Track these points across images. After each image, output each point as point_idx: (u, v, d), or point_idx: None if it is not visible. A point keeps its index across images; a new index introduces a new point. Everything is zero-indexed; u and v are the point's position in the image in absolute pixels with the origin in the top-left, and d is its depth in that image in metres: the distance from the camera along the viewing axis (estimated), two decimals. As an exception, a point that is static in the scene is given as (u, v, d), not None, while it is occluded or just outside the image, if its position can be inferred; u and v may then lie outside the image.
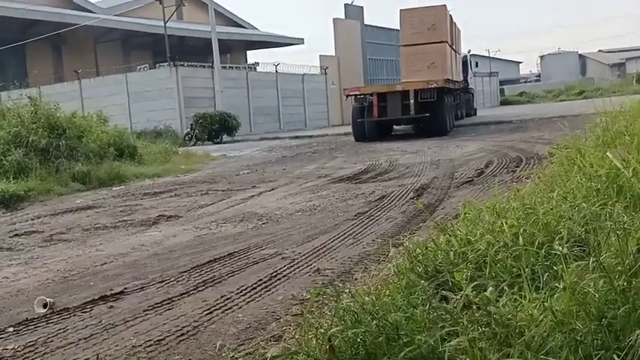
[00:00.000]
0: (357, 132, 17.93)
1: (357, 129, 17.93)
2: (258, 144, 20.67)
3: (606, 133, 4.40)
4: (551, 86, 58.76)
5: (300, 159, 13.63)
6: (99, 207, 8.02)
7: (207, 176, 11.22)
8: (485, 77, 48.30)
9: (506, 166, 8.62)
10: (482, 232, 3.06)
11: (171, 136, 22.36)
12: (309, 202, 7.08)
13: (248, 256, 4.53)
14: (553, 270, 2.44)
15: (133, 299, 3.64)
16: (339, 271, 3.93)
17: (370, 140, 17.08)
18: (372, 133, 17.54)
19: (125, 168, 11.87)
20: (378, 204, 6.51)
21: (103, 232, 6.15)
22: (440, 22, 18.81)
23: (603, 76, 66.21)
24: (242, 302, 3.44)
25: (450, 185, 7.44)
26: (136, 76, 27.98)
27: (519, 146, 11.42)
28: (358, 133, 17.87)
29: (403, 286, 2.72)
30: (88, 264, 4.70)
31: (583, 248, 2.61)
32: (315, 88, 33.50)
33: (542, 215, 2.98)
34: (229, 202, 7.58)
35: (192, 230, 5.86)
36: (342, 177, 9.32)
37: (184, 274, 4.13)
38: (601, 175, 3.13)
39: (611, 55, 76.82)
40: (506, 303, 2.21)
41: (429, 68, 18.18)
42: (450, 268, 2.76)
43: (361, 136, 17.64)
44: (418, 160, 10.73)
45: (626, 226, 2.41)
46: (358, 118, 17.82)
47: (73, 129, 11.96)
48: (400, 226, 5.22)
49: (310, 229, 5.44)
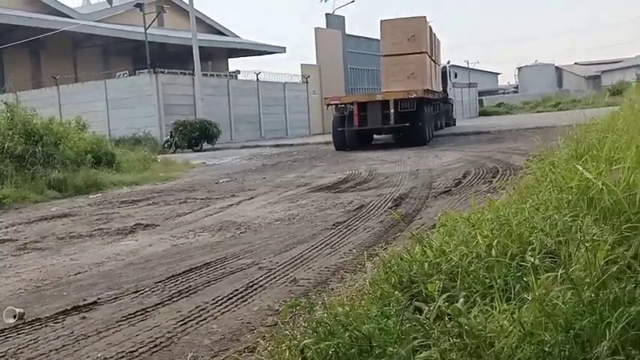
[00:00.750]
0: (338, 141, 18.02)
1: (338, 138, 18.03)
2: (238, 152, 20.63)
3: (579, 145, 4.47)
4: (529, 97, 59.56)
5: (281, 168, 13.63)
6: (75, 215, 7.94)
7: (186, 184, 11.17)
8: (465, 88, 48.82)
9: (483, 177, 8.71)
10: (457, 243, 3.09)
11: (151, 144, 22.26)
12: (288, 211, 7.08)
13: (225, 266, 4.52)
14: (524, 281, 2.47)
15: (106, 310, 3.61)
16: (316, 282, 3.93)
17: (350, 149, 17.16)
18: (352, 142, 17.64)
19: (103, 175, 11.76)
20: (356, 214, 6.53)
21: (78, 240, 6.09)
22: (420, 33, 19.03)
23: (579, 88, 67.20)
24: (217, 313, 3.43)
25: (428, 195, 7.49)
26: (115, 83, 27.81)
27: (496, 157, 11.54)
28: (339, 142, 17.96)
29: (377, 296, 2.73)
30: (62, 273, 4.65)
31: (554, 259, 2.64)
32: (296, 97, 33.59)
33: (516, 226, 3.02)
34: (208, 211, 7.55)
35: (169, 239, 5.82)
36: (321, 186, 9.34)
37: (159, 284, 4.10)
38: (572, 188, 3.18)
39: (586, 67, 78.07)
40: (477, 314, 2.24)
41: (409, 78, 18.37)
42: (424, 278, 2.78)
43: (341, 145, 17.75)
44: (397, 170, 10.79)
45: (595, 238, 2.45)
46: (339, 127, 17.92)
47: (50, 135, 11.84)
48: (378, 236, 5.24)
49: (288, 239, 5.44)
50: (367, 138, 18.87)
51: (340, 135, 17.89)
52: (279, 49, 44.32)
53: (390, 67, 19.03)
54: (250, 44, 43.17)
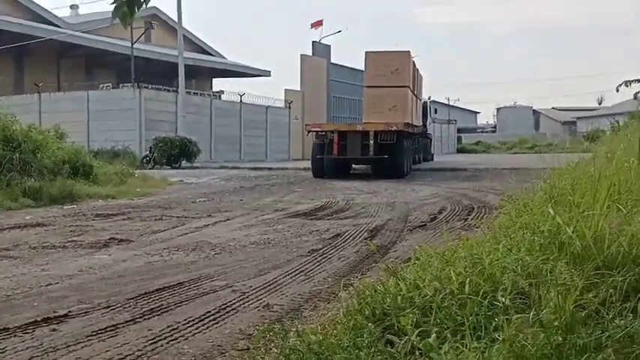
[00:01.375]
0: (316, 168, 17.97)
1: (316, 165, 17.98)
2: (216, 172, 20.59)
3: (552, 189, 4.59)
4: (506, 138, 60.52)
5: (258, 191, 13.64)
6: (48, 225, 7.86)
7: (163, 201, 11.12)
8: (445, 124, 49.52)
9: (459, 214, 8.82)
10: (431, 279, 3.14)
11: (129, 158, 22.14)
12: (264, 235, 7.09)
13: (198, 287, 4.51)
14: (495, 320, 2.53)
15: (76, 323, 3.58)
16: (289, 308, 3.94)
17: (328, 177, 17.13)
18: (330, 171, 17.61)
19: (79, 187, 11.66)
20: (332, 242, 6.57)
21: (51, 251, 6.03)
22: (403, 67, 19.21)
23: (555, 132, 68.60)
24: (188, 333, 3.42)
25: (403, 228, 7.56)
26: (97, 95, 27.69)
27: (472, 195, 11.69)
28: (317, 169, 17.93)
29: (350, 327, 2.76)
30: (33, 283, 4.60)
31: (525, 301, 2.70)
32: (278, 121, 33.74)
33: (488, 266, 3.08)
34: (183, 230, 7.53)
35: (143, 256, 5.79)
36: (298, 212, 9.37)
37: (131, 301, 4.08)
38: (544, 231, 3.26)
39: (563, 113, 79.68)
40: (448, 350, 2.28)
41: (391, 111, 18.48)
42: (397, 312, 2.82)
43: (319, 173, 17.70)
44: (374, 201, 10.87)
45: (565, 283, 2.52)
46: (318, 155, 17.87)
47: (28, 143, 11.75)
48: (352, 266, 5.28)
49: (263, 263, 5.45)
50: (345, 167, 18.89)
51: (319, 162, 17.86)
52: (264, 73, 44.56)
53: (372, 99, 19.15)
54: (235, 66, 43.37)
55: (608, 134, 15.65)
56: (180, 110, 26.49)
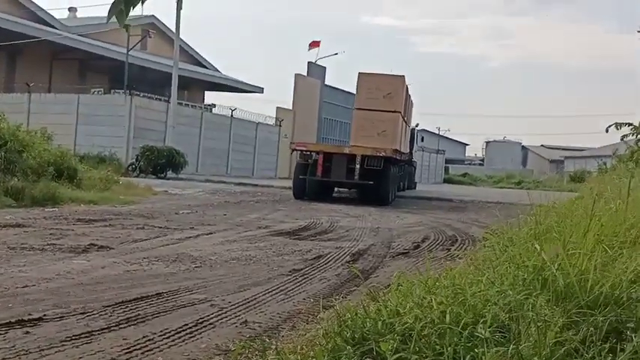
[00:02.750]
0: (298, 189, 17.49)
1: (298, 186, 17.49)
2: (202, 185, 20.52)
3: (538, 226, 4.62)
4: (493, 172, 61.08)
5: (243, 206, 13.59)
6: (28, 226, 7.76)
7: (146, 210, 11.04)
8: (433, 154, 49.85)
9: (442, 243, 8.84)
10: (412, 306, 3.13)
11: (115, 165, 22.00)
12: (246, 251, 7.05)
13: (176, 299, 4.46)
14: (474, 352, 2.52)
15: (51, 327, 3.52)
16: (267, 326, 3.91)
17: (310, 199, 16.71)
18: (312, 192, 17.13)
19: (62, 190, 11.55)
20: (313, 263, 6.54)
21: (30, 253, 5.94)
22: (397, 91, 18.70)
23: (543, 169, 69.31)
24: (164, 345, 3.37)
25: (386, 254, 7.55)
26: (88, 99, 27.62)
27: (456, 225, 11.74)
28: (298, 190, 17.44)
29: (329, 349, 2.74)
30: (9, 284, 4.53)
31: (504, 334, 2.70)
32: (267, 138, 33.80)
33: (470, 297, 3.07)
34: (164, 240, 7.47)
35: (123, 264, 5.73)
36: (281, 231, 9.34)
37: (108, 309, 4.02)
38: (528, 267, 3.27)
39: (551, 151, 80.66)
40: (426, 379, 2.27)
41: (380, 136, 17.97)
42: (377, 337, 2.80)
43: (301, 194, 17.22)
44: (358, 225, 10.87)
45: (546, 319, 2.52)
46: (300, 175, 17.36)
47: (14, 142, 11.65)
48: (333, 288, 5.25)
49: (243, 279, 5.40)
50: (328, 190, 18.41)
51: (301, 183, 17.35)
52: (257, 89, 44.78)
53: (361, 121, 18.63)
54: (229, 80, 43.52)
55: (595, 175, 15.83)
56: (170, 120, 26.45)
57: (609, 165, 16.62)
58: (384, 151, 16.68)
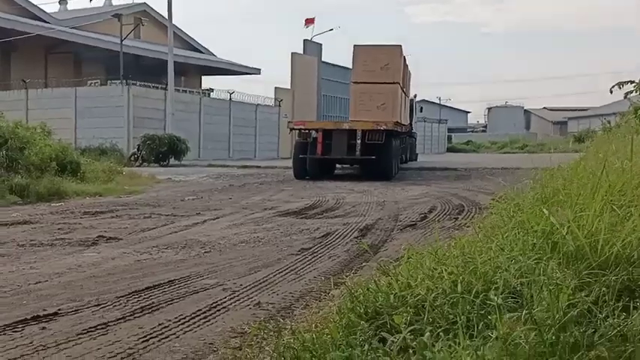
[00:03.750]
0: (298, 169, 17.12)
1: (299, 165, 17.11)
2: (205, 170, 20.52)
3: (544, 190, 4.60)
4: (497, 138, 60.89)
5: (247, 189, 13.61)
6: (36, 222, 7.79)
7: (151, 199, 11.06)
8: (435, 124, 49.69)
9: (449, 213, 8.84)
10: (423, 278, 3.14)
11: (117, 156, 22.05)
12: (254, 233, 7.07)
13: (188, 285, 4.48)
14: (487, 319, 2.53)
15: (66, 321, 3.55)
16: (280, 306, 3.93)
17: (312, 178, 16.39)
18: (313, 171, 16.83)
19: (66, 184, 11.57)
20: (322, 241, 6.56)
21: (39, 249, 5.97)
22: (394, 62, 18.20)
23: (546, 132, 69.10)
24: (179, 331, 3.40)
25: (393, 227, 7.56)
26: (85, 91, 27.55)
27: (462, 194, 11.73)
28: (299, 170, 17.08)
29: (343, 325, 2.76)
30: (22, 281, 4.55)
31: (517, 300, 2.71)
32: (267, 120, 33.71)
33: (481, 265, 3.08)
34: (172, 228, 7.49)
35: (132, 254, 5.75)
36: (288, 211, 9.35)
37: (122, 299, 4.05)
38: (537, 231, 3.27)
39: (554, 113, 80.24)
40: (441, 349, 2.28)
41: (379, 109, 17.52)
42: (390, 310, 2.82)
43: (302, 174, 16.89)
44: (364, 200, 10.88)
45: (558, 282, 2.52)
46: (300, 154, 16.97)
47: (15, 140, 11.65)
48: (343, 265, 5.27)
49: (253, 262, 5.43)
50: (330, 168, 18.06)
51: (301, 162, 16.97)
52: (253, 71, 44.50)
53: (359, 95, 18.12)
54: (225, 63, 43.27)
55: (600, 134, 15.75)
56: (169, 108, 26.39)
57: (613, 123, 16.50)
58: (385, 124, 16.29)
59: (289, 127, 17.66)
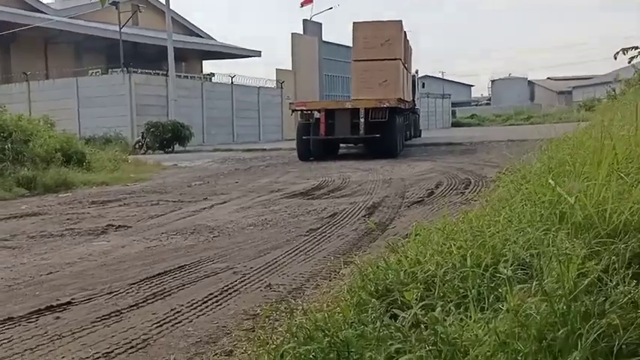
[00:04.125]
0: (302, 150, 16.90)
1: (302, 147, 16.89)
2: (210, 155, 20.54)
3: (550, 160, 4.59)
4: (501, 110, 60.48)
5: (253, 172, 13.62)
6: (45, 214, 7.83)
7: (158, 186, 11.09)
8: (438, 99, 49.41)
9: (456, 188, 8.83)
10: (432, 253, 3.15)
11: (122, 144, 22.02)
12: (262, 216, 7.09)
13: (199, 270, 4.52)
14: (498, 292, 2.54)
15: (80, 310, 3.59)
16: (291, 287, 3.96)
17: (316, 159, 16.25)
18: (317, 152, 16.66)
19: (73, 174, 11.61)
20: (330, 221, 6.58)
21: (49, 240, 6.01)
22: (395, 38, 17.97)
23: (551, 102, 68.60)
24: (192, 316, 3.43)
25: (400, 204, 7.57)
26: (87, 81, 27.48)
27: (468, 168, 11.71)
28: (303, 151, 16.86)
29: (354, 303, 2.78)
30: (34, 273, 4.60)
31: (526, 272, 2.71)
32: (270, 102, 33.58)
33: (489, 238, 3.08)
34: (180, 214, 7.52)
35: (142, 241, 5.79)
36: (294, 192, 9.37)
37: (134, 286, 4.08)
38: (544, 202, 3.26)
39: (558, 82, 79.61)
40: (452, 323, 2.29)
41: (381, 86, 17.35)
42: (400, 287, 2.83)
43: (306, 155, 16.70)
44: (370, 178, 10.88)
45: (567, 252, 2.52)
46: (303, 135, 16.72)
47: (19, 132, 11.68)
48: (351, 244, 5.29)
49: (262, 244, 5.45)
50: (334, 148, 17.85)
51: (305, 144, 16.73)
52: (254, 53, 44.22)
53: (361, 73, 17.92)
54: (225, 47, 43.03)
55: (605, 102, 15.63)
56: (171, 94, 26.33)
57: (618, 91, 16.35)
58: (388, 101, 16.04)
59: (291, 108, 17.49)
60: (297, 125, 17.29)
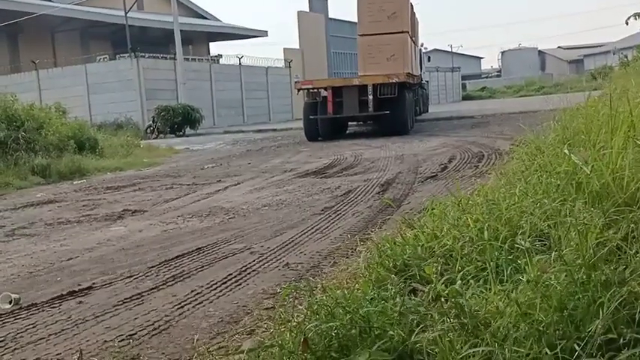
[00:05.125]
0: (309, 130, 16.43)
1: (309, 127, 16.40)
2: (221, 137, 20.58)
3: (565, 130, 4.55)
4: (512, 82, 59.94)
5: (265, 153, 13.64)
6: (61, 201, 7.90)
7: (171, 170, 11.15)
8: (448, 72, 49.01)
9: (469, 162, 8.80)
10: (449, 227, 3.16)
11: (133, 129, 22.11)
12: (276, 196, 7.12)
13: (216, 251, 4.55)
14: (516, 263, 2.54)
15: (101, 294, 3.64)
16: (309, 266, 3.98)
17: (324, 139, 15.87)
18: (325, 132, 16.24)
19: (86, 161, 11.69)
20: (344, 198, 6.59)
21: (67, 226, 6.08)
22: (401, 10, 17.33)
23: (562, 72, 67.84)
24: (213, 297, 3.47)
25: (414, 180, 7.56)
26: (95, 67, 27.51)
27: (481, 142, 11.65)
28: (310, 131, 16.40)
29: (373, 280, 2.79)
30: (54, 259, 4.66)
31: (544, 242, 2.71)
32: (279, 82, 33.47)
33: (505, 210, 3.08)
34: (195, 197, 7.57)
35: (159, 225, 5.84)
36: (307, 171, 9.38)
37: (153, 269, 4.13)
38: (560, 172, 3.25)
39: (569, 51, 78.64)
40: (473, 295, 2.31)
41: (389, 61, 16.76)
42: (418, 262, 2.84)
43: (314, 135, 16.29)
44: (383, 155, 10.86)
45: (585, 222, 2.52)
46: (310, 115, 16.20)
47: (31, 121, 11.74)
48: (367, 221, 5.31)
49: (278, 224, 5.48)
50: (342, 127, 17.44)
51: (312, 123, 16.23)
52: (261, 33, 44.02)
53: (367, 48, 17.20)
54: (232, 28, 42.81)
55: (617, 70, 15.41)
56: (179, 77, 26.32)
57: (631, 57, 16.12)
58: (397, 76, 15.47)
59: (296, 87, 17.02)
60: (304, 104, 16.81)
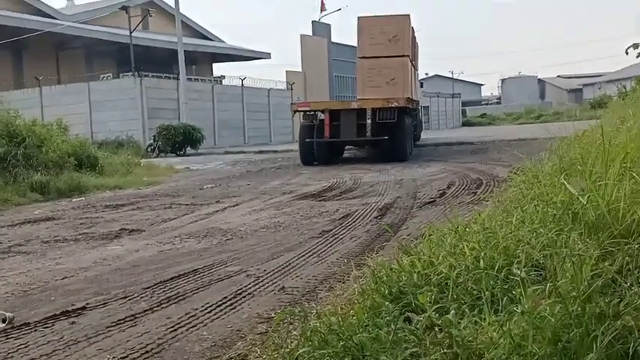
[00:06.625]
0: (305, 153, 15.77)
1: (305, 150, 15.74)
2: (222, 157, 20.60)
3: (562, 160, 4.57)
4: (512, 109, 60.27)
5: (265, 174, 13.65)
6: (58, 218, 7.89)
7: (171, 189, 11.15)
8: (449, 98, 49.30)
9: (467, 188, 8.81)
10: (445, 255, 3.15)
11: (134, 147, 22.15)
12: (274, 218, 7.11)
13: (212, 273, 4.54)
14: (512, 293, 2.53)
15: (95, 315, 3.61)
16: (304, 290, 3.97)
17: (319, 163, 15.30)
18: (321, 156, 15.56)
19: (85, 179, 11.70)
20: (342, 222, 6.58)
21: (63, 244, 6.06)
22: (403, 33, 17.04)
23: (561, 100, 68.26)
24: (207, 320, 3.45)
25: (412, 205, 7.56)
26: (98, 85, 27.67)
27: (480, 168, 11.67)
28: (305, 154, 15.74)
29: (368, 306, 2.78)
30: (49, 278, 4.64)
31: (540, 273, 2.71)
32: (280, 103, 33.60)
33: (502, 239, 3.08)
34: (193, 217, 7.56)
35: (156, 245, 5.82)
36: (306, 194, 9.38)
37: (148, 290, 4.11)
38: (556, 202, 3.25)
39: (569, 80, 79.20)
40: (467, 325, 2.30)
41: (389, 84, 16.48)
42: (414, 290, 2.83)
43: (309, 159, 15.64)
44: (382, 179, 10.87)
45: (580, 253, 2.52)
46: (306, 138, 15.57)
47: (32, 138, 11.76)
48: (364, 246, 5.30)
49: (275, 247, 5.47)
50: (339, 151, 16.98)
51: (308, 147, 15.56)
52: (264, 55, 44.36)
53: (367, 71, 16.83)
54: (235, 49, 43.17)
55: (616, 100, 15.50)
56: (182, 97, 26.46)
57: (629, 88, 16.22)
58: (397, 101, 15.01)
59: (293, 109, 16.63)
60: (300, 127, 16.31)
